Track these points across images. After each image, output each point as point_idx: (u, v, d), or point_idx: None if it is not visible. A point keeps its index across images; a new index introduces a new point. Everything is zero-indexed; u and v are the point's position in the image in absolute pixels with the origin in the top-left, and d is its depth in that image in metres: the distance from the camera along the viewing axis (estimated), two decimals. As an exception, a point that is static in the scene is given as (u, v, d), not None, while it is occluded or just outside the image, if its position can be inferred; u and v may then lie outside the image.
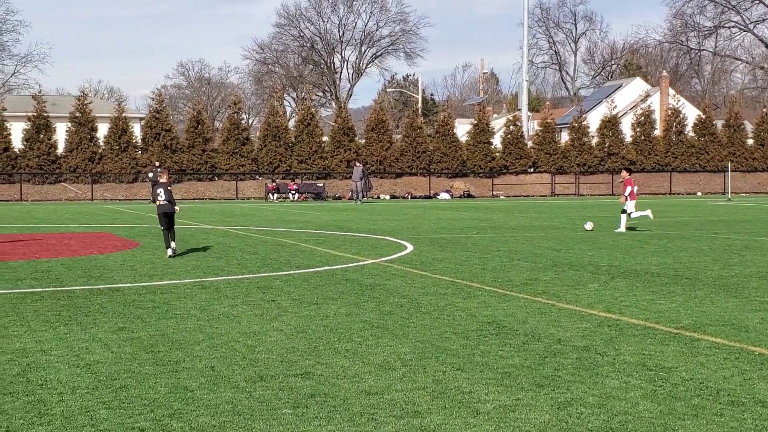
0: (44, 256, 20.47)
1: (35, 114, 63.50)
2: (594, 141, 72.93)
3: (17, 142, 63.90)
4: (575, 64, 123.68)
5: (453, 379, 8.74)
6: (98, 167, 63.22)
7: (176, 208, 21.05)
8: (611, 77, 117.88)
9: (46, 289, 15.09)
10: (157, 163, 57.88)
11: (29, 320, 11.95)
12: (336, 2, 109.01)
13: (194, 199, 61.57)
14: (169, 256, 20.08)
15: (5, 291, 14.79)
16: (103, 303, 13.48)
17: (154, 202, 22.27)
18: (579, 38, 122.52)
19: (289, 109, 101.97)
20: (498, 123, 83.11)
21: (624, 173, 29.69)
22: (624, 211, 28.29)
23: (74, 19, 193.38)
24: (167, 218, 20.68)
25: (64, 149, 64.07)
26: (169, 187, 21.11)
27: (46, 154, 62.83)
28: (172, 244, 20.51)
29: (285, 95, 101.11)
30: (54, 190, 61.74)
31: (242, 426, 7.24)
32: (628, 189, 28.45)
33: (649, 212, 28.95)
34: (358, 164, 59.04)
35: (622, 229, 28.01)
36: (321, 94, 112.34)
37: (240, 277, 16.80)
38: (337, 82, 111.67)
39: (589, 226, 28.21)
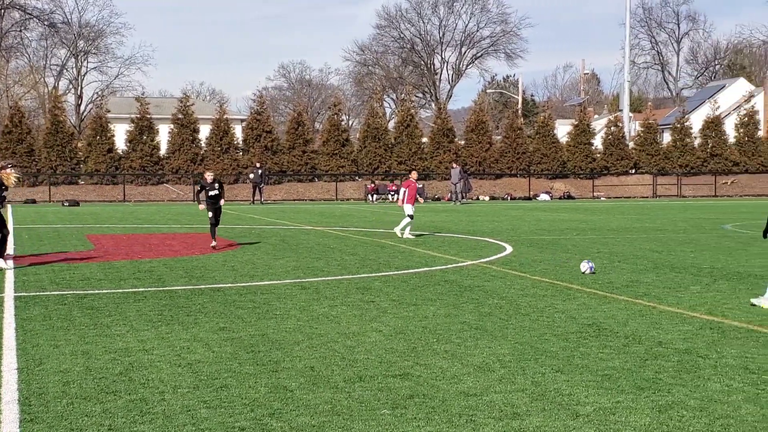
0: (147, 257, 20.85)
1: (138, 116, 64.77)
2: (696, 142, 71.92)
3: (120, 143, 65.29)
4: (678, 65, 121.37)
5: (552, 381, 8.67)
6: (200, 168, 64.13)
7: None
8: (714, 77, 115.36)
9: (149, 288, 15.35)
10: (258, 165, 58.53)
11: (132, 319, 12.17)
12: (437, 3, 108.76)
13: (294, 200, 62.13)
14: None
15: (109, 291, 15.10)
16: (204, 303, 13.67)
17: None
18: (682, 38, 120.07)
19: (388, 111, 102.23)
20: (599, 124, 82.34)
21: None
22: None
23: (177, 22, 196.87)
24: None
25: (166, 150, 65.23)
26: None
27: (149, 155, 64.03)
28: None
29: (385, 96, 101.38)
30: (156, 191, 62.81)
31: (341, 426, 7.27)
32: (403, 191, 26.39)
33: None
34: (455, 165, 58.91)
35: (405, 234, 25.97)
36: (421, 95, 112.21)
37: (339, 277, 16.89)
38: (437, 83, 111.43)
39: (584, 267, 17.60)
